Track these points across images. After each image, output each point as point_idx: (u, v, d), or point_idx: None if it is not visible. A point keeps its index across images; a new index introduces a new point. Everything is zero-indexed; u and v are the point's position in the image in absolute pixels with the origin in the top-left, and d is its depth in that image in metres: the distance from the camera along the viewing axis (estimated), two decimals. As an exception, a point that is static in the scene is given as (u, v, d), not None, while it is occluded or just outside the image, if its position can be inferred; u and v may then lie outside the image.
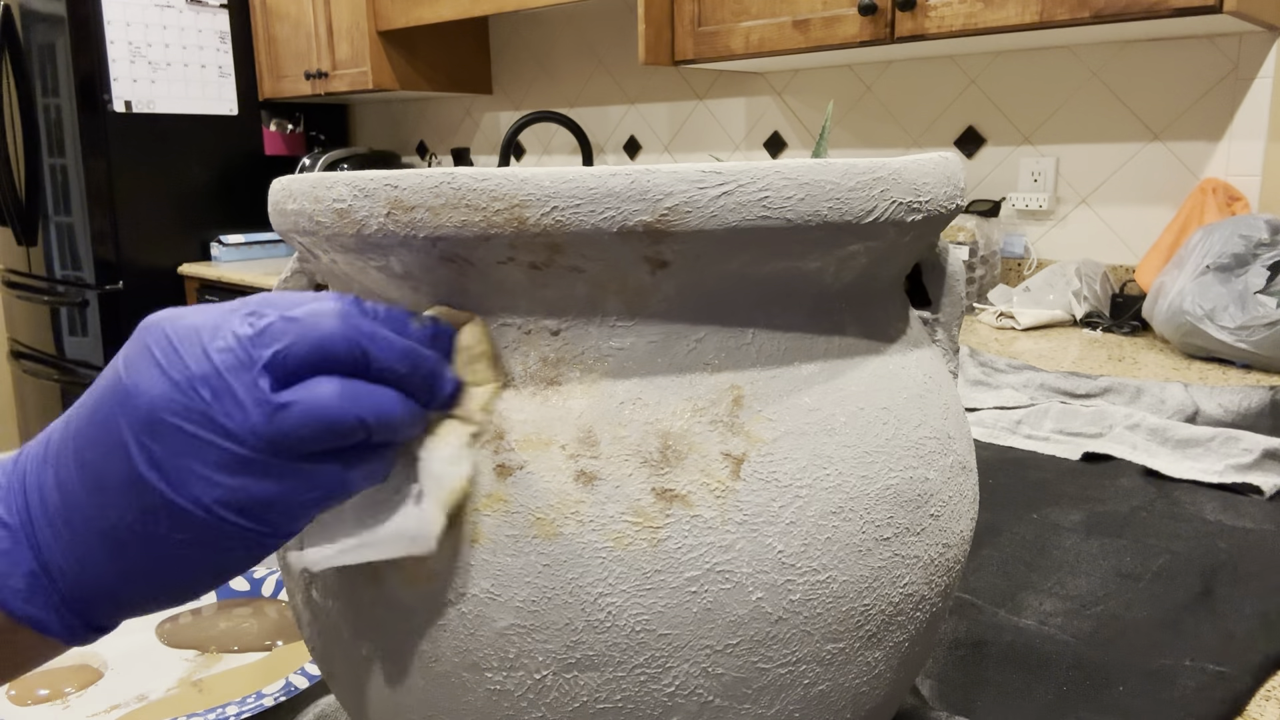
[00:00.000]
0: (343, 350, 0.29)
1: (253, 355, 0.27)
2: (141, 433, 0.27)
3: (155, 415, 0.27)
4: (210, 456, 0.27)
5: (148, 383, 0.27)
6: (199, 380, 0.27)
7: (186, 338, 0.28)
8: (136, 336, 0.29)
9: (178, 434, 0.27)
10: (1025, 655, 0.57)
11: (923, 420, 0.37)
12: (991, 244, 1.83)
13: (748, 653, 0.33)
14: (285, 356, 0.28)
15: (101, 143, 2.74)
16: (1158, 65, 1.69)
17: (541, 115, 2.30)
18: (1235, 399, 1.09)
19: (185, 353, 0.27)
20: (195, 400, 0.27)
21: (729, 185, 0.31)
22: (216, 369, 0.27)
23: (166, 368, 0.27)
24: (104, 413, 0.28)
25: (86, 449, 0.28)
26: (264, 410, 0.27)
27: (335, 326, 0.29)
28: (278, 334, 0.28)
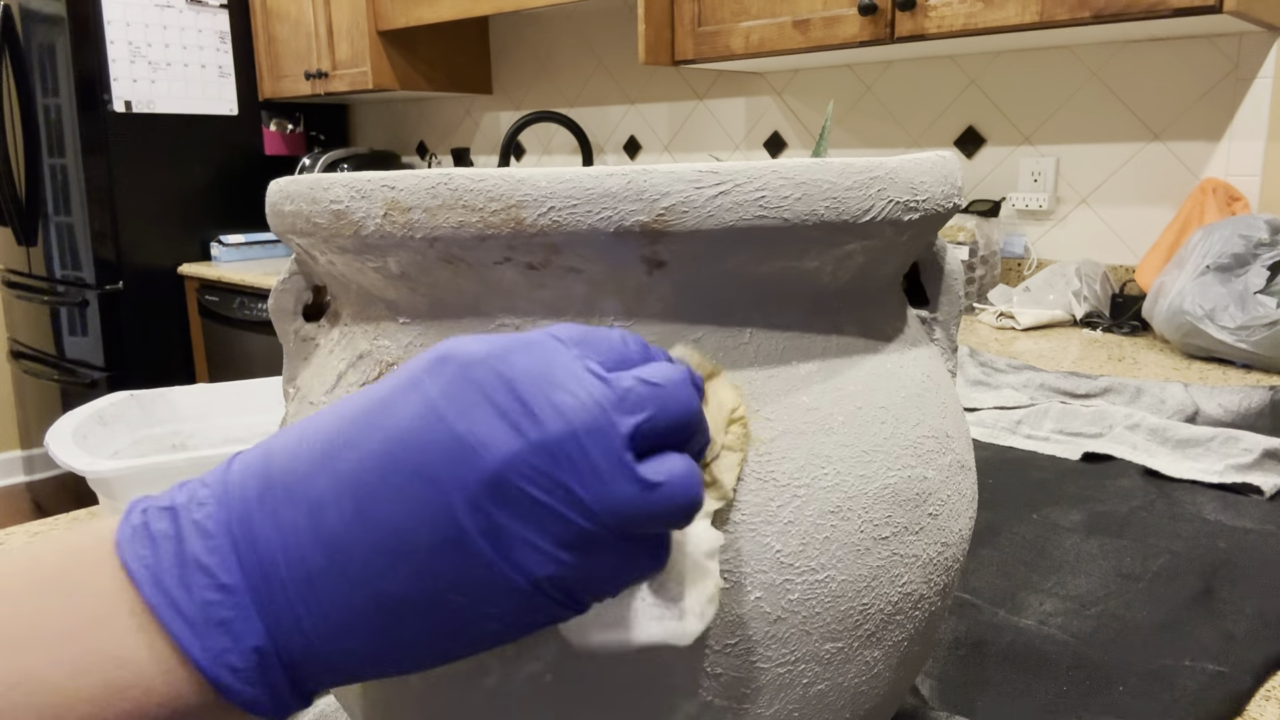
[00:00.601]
0: (692, 426, 0.26)
1: (615, 422, 0.24)
2: (482, 495, 0.23)
3: (503, 478, 0.23)
4: (555, 529, 0.24)
5: (493, 439, 0.23)
6: (556, 443, 0.23)
7: (531, 387, 0.24)
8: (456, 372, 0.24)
9: (525, 501, 0.23)
10: (1025, 655, 0.57)
11: (921, 419, 0.37)
12: (991, 244, 1.83)
13: (746, 652, 0.33)
14: (650, 429, 0.25)
15: (101, 143, 2.74)
16: (1158, 65, 1.69)
17: (541, 115, 2.30)
18: (1235, 399, 1.09)
19: (537, 407, 0.24)
20: (550, 467, 0.23)
21: (725, 185, 0.31)
22: (574, 432, 0.24)
23: (518, 423, 0.23)
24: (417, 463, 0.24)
25: (382, 503, 0.24)
26: (632, 487, 0.24)
27: (689, 399, 0.26)
28: (641, 402, 0.25)
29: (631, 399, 0.25)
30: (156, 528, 0.24)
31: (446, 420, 0.24)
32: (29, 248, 3.05)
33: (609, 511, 0.24)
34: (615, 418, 0.24)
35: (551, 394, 0.24)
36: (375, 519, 0.24)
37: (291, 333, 0.42)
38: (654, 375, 0.25)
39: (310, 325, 0.42)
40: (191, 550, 0.24)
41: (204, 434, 0.81)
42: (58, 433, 0.66)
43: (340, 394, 0.37)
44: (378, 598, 0.24)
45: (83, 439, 0.69)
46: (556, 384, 0.24)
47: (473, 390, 0.24)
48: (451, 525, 0.23)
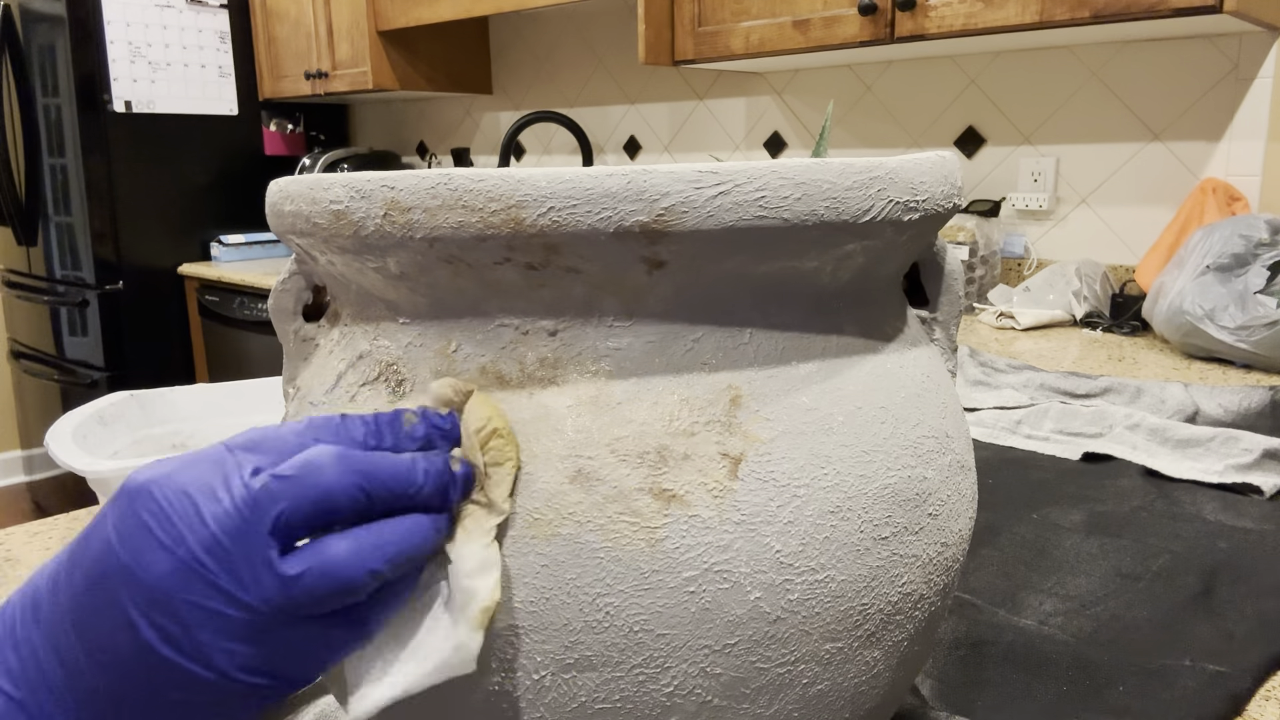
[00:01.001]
0: (344, 501, 0.28)
1: (253, 521, 0.27)
2: (151, 610, 0.27)
3: (163, 594, 0.26)
4: (226, 627, 0.27)
5: (149, 560, 0.27)
6: (202, 552, 0.27)
7: (180, 505, 0.27)
8: (125, 503, 0.28)
9: (190, 608, 0.27)
10: (1025, 655, 0.57)
11: (921, 419, 0.37)
12: (991, 244, 1.83)
13: (746, 652, 0.33)
14: (287, 520, 0.27)
15: (101, 143, 2.74)
16: (1158, 65, 1.69)
17: (541, 115, 2.30)
18: (1235, 399, 1.09)
19: (182, 524, 0.27)
20: (203, 573, 0.26)
21: (725, 185, 0.31)
22: (217, 538, 0.27)
23: (166, 543, 0.27)
24: (105, 589, 0.27)
25: (88, 624, 0.27)
26: (275, 581, 0.27)
27: (333, 477, 0.28)
28: (276, 496, 0.27)
29: (269, 495, 0.27)
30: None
31: (114, 548, 0.27)
32: (29, 248, 3.05)
33: (266, 603, 0.27)
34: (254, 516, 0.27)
35: (204, 507, 0.27)
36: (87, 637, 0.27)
37: (291, 333, 0.42)
38: (290, 468, 0.28)
39: (310, 325, 0.42)
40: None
41: (204, 434, 0.81)
42: (58, 433, 0.66)
43: (340, 394, 0.37)
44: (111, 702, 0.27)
45: (83, 439, 0.69)
46: (210, 496, 0.27)
47: (134, 518, 0.27)
48: (136, 638, 0.27)
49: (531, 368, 0.33)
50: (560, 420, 0.33)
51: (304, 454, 0.28)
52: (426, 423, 0.32)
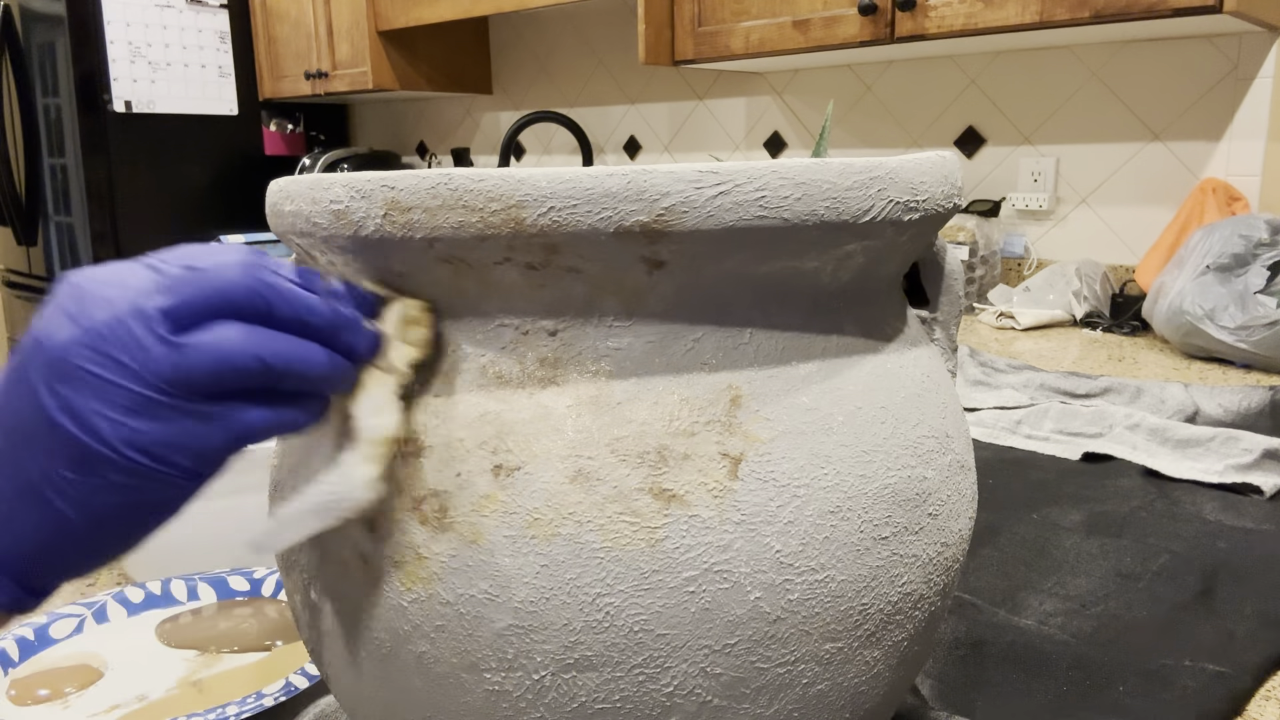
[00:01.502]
0: (243, 299, 0.30)
1: (154, 301, 0.29)
2: (51, 378, 0.28)
3: (63, 360, 0.28)
4: (116, 398, 0.28)
5: (56, 331, 0.28)
6: (103, 325, 0.28)
7: (93, 289, 0.29)
8: (53, 295, 0.30)
9: (85, 376, 0.28)
10: (1025, 655, 0.57)
11: (921, 419, 0.37)
12: (991, 244, 1.83)
13: (746, 652, 0.33)
14: (186, 303, 0.29)
15: (101, 143, 2.74)
16: (1158, 65, 1.69)
17: (541, 115, 2.30)
18: (1235, 399, 1.09)
19: (91, 302, 0.29)
20: (99, 343, 0.28)
21: (725, 185, 0.31)
22: (118, 315, 0.28)
23: (74, 315, 0.28)
24: (18, 366, 0.29)
25: (5, 406, 0.29)
26: (163, 350, 0.28)
27: (237, 276, 0.30)
28: (180, 281, 0.29)
29: (173, 281, 0.29)
30: None
31: (33, 331, 0.29)
32: (29, 248, 3.05)
33: (155, 374, 0.28)
34: (156, 298, 0.29)
35: (104, 291, 0.29)
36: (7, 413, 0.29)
37: (291, 333, 0.42)
38: (200, 262, 0.30)
39: (310, 325, 0.42)
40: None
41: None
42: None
43: (340, 394, 0.37)
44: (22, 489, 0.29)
45: (83, 439, 0.69)
46: (111, 284, 0.29)
47: (55, 304, 0.29)
48: (39, 409, 0.28)
49: (531, 368, 0.33)
50: (560, 420, 0.33)
51: (218, 261, 0.30)
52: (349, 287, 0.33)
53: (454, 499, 0.33)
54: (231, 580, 0.65)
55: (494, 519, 0.32)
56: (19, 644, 0.58)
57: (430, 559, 0.33)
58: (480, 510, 0.32)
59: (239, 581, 0.66)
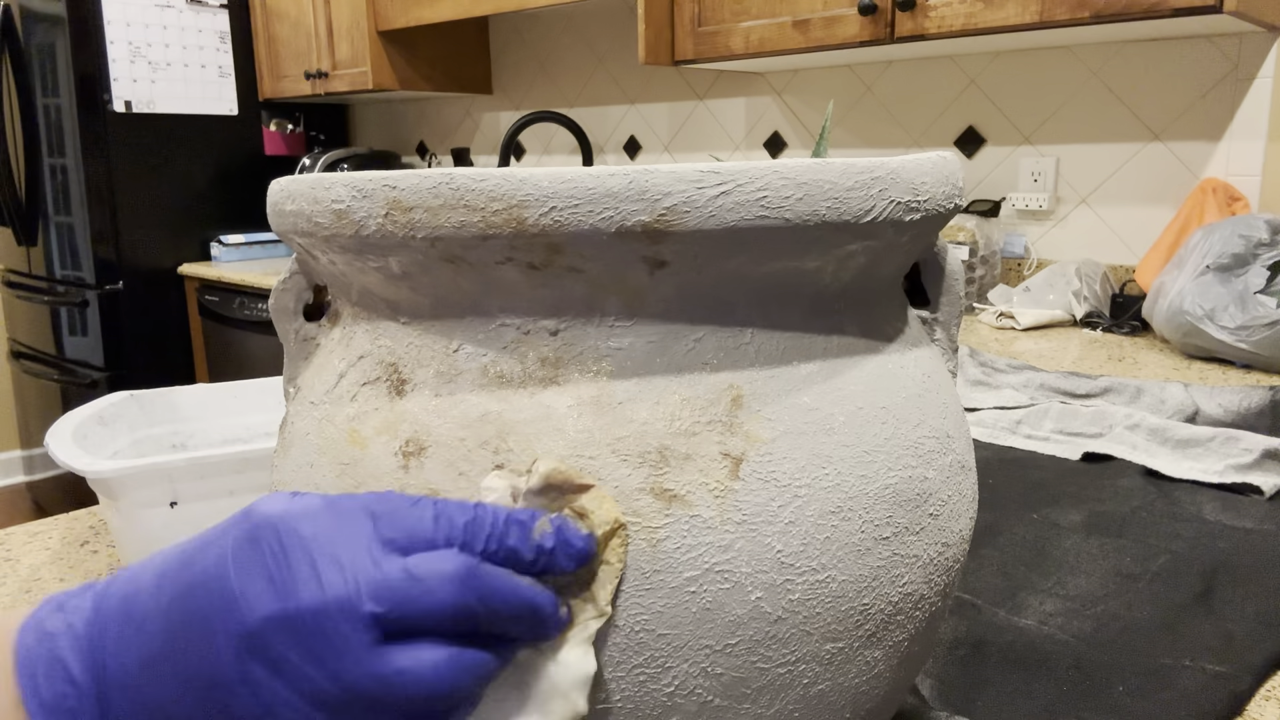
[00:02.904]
0: (455, 618, 0.28)
1: (365, 606, 0.27)
2: (242, 646, 0.26)
3: (261, 635, 0.26)
4: (306, 689, 0.26)
5: (255, 596, 0.26)
6: (309, 613, 0.26)
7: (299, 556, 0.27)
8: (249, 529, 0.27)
9: (278, 659, 0.26)
10: (1025, 655, 0.57)
11: (921, 419, 0.37)
12: (991, 244, 1.83)
13: (747, 652, 0.33)
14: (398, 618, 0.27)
15: (101, 143, 2.74)
16: (1158, 65, 1.69)
17: (541, 115, 2.30)
18: (1235, 399, 1.09)
19: (299, 575, 0.27)
20: (303, 632, 0.26)
21: (727, 185, 0.31)
22: (326, 607, 0.26)
23: (279, 586, 0.26)
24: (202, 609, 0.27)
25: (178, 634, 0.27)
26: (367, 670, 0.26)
27: (454, 594, 0.28)
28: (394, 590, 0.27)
29: (388, 587, 0.27)
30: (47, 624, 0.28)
31: (227, 575, 0.27)
32: (29, 248, 3.05)
33: (348, 686, 0.26)
34: (367, 602, 0.27)
35: (318, 565, 0.27)
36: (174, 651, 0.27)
37: (292, 333, 0.42)
38: (419, 568, 0.27)
39: (311, 325, 0.42)
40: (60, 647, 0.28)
41: (204, 434, 0.81)
42: (58, 433, 0.66)
43: (341, 393, 0.37)
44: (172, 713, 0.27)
45: (83, 439, 0.69)
46: (328, 557, 0.27)
47: (254, 550, 0.27)
48: (216, 668, 0.26)
49: (533, 367, 0.33)
50: (561, 420, 0.33)
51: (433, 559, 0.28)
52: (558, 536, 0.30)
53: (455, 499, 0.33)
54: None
55: (495, 519, 0.32)
56: (19, 644, 0.57)
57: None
58: (481, 510, 0.32)
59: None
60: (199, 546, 0.28)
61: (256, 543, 0.27)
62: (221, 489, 0.65)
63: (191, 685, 0.27)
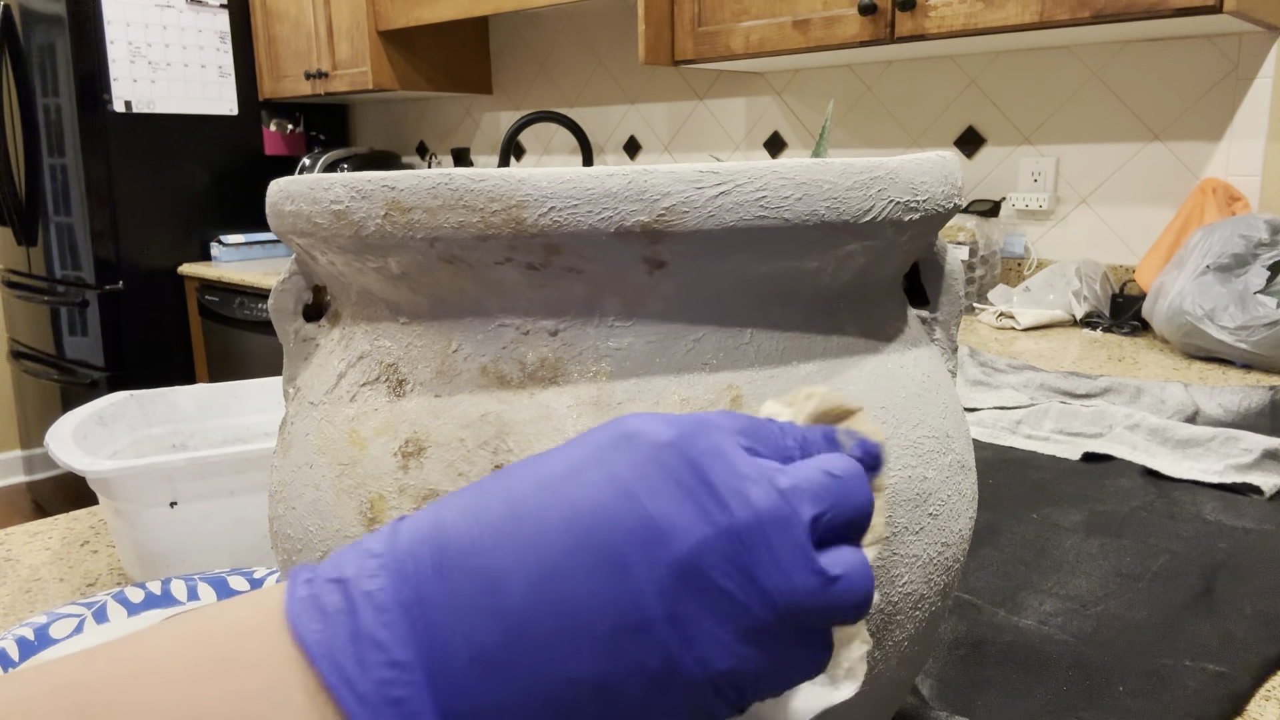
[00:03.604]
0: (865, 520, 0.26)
1: (799, 512, 0.24)
2: (670, 581, 0.23)
3: (693, 563, 0.23)
4: (738, 620, 0.23)
5: (685, 522, 0.23)
6: (745, 530, 0.23)
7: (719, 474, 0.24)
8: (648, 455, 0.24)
9: (712, 590, 0.23)
10: (1025, 655, 0.57)
11: (921, 419, 0.37)
12: (991, 244, 1.83)
13: (746, 653, 0.32)
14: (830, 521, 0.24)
15: (101, 143, 2.74)
16: (1158, 65, 1.69)
17: (541, 115, 2.30)
18: (1235, 399, 1.09)
19: (726, 494, 0.23)
20: (740, 554, 0.23)
21: (726, 185, 0.31)
22: (760, 520, 0.23)
23: (707, 509, 0.23)
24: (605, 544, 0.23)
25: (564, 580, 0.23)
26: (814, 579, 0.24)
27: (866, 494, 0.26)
28: (823, 493, 0.24)
29: (813, 490, 0.24)
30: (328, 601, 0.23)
31: (638, 500, 0.23)
32: (29, 248, 3.05)
33: (790, 603, 0.23)
34: (799, 508, 0.24)
35: (738, 482, 0.24)
36: (557, 597, 0.23)
37: (291, 333, 0.42)
38: (834, 467, 0.25)
39: (310, 325, 0.42)
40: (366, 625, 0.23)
41: (204, 434, 0.81)
42: (58, 433, 0.66)
43: (340, 394, 0.37)
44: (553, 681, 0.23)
45: (83, 439, 0.69)
46: (741, 473, 0.24)
47: (663, 472, 0.24)
48: (636, 609, 0.23)
49: (532, 368, 0.33)
50: (561, 420, 0.33)
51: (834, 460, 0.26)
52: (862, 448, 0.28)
53: None
54: (231, 580, 0.65)
55: (494, 519, 0.32)
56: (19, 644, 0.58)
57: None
58: (481, 510, 0.32)
59: (239, 581, 0.66)
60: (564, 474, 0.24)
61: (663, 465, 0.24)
62: (221, 489, 0.65)
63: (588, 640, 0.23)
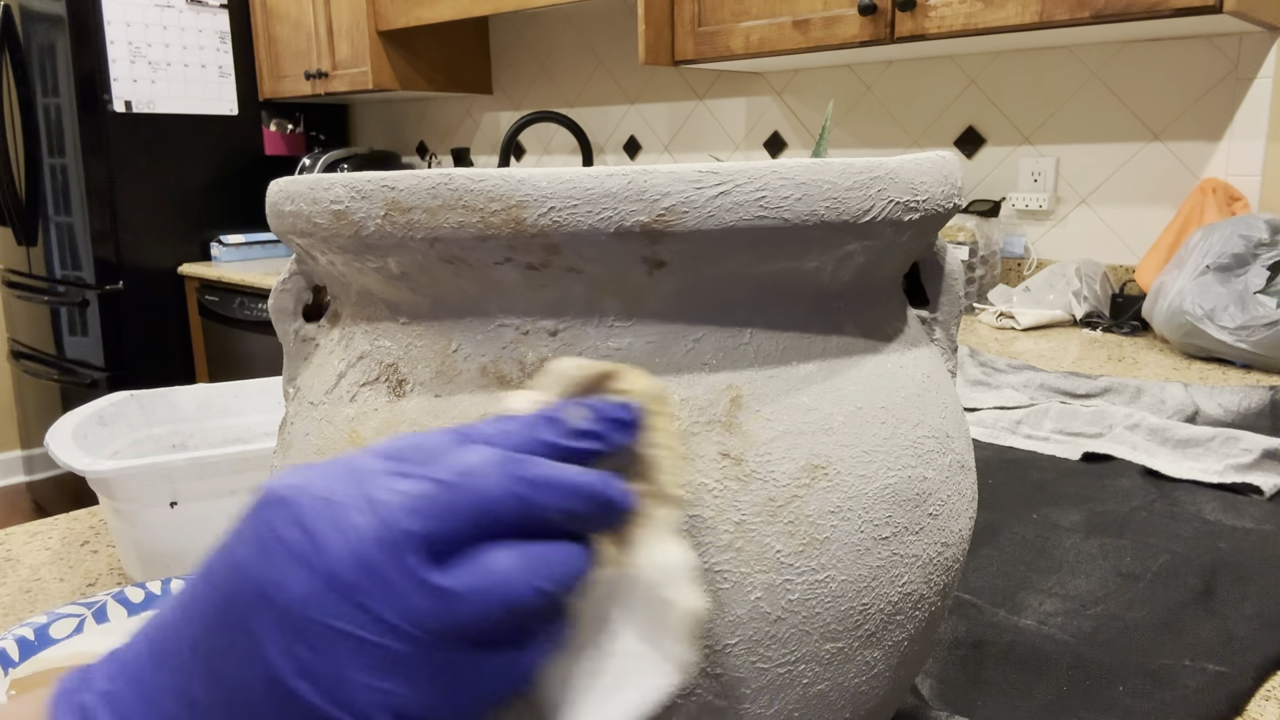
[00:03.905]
0: (507, 511, 0.24)
1: (405, 531, 0.23)
2: (285, 636, 0.23)
3: (300, 617, 0.23)
4: (372, 657, 0.23)
5: (285, 577, 0.23)
6: (347, 567, 0.23)
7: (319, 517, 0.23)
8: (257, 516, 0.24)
9: (330, 635, 0.23)
10: (1025, 655, 0.57)
11: (921, 419, 0.37)
12: (991, 244, 1.83)
13: (746, 652, 0.33)
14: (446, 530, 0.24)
15: (101, 143, 2.74)
16: (1158, 65, 1.69)
17: (541, 115, 2.30)
18: (1235, 399, 1.09)
19: (322, 537, 0.23)
20: (346, 592, 0.23)
21: (726, 185, 0.31)
22: (364, 551, 0.23)
23: (305, 557, 0.23)
24: (235, 616, 0.23)
25: (218, 660, 0.23)
26: (430, 599, 0.23)
27: (497, 483, 0.24)
28: (429, 504, 0.24)
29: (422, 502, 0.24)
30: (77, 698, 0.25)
31: (247, 569, 0.23)
32: (29, 248, 3.05)
33: (417, 627, 0.23)
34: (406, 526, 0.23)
35: (338, 517, 0.23)
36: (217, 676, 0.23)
37: (291, 333, 0.42)
38: (446, 473, 0.24)
39: (310, 325, 0.42)
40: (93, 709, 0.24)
41: (204, 434, 0.81)
42: (58, 433, 0.66)
43: (340, 394, 0.37)
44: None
45: (83, 439, 0.69)
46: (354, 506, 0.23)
47: (268, 532, 0.23)
48: (268, 673, 0.23)
49: (532, 368, 0.33)
50: (561, 420, 0.33)
51: (460, 456, 0.25)
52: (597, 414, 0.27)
53: None
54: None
55: (494, 519, 0.32)
56: (19, 644, 0.58)
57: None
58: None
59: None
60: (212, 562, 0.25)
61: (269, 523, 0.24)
62: (221, 489, 0.65)
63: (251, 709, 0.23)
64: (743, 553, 0.32)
